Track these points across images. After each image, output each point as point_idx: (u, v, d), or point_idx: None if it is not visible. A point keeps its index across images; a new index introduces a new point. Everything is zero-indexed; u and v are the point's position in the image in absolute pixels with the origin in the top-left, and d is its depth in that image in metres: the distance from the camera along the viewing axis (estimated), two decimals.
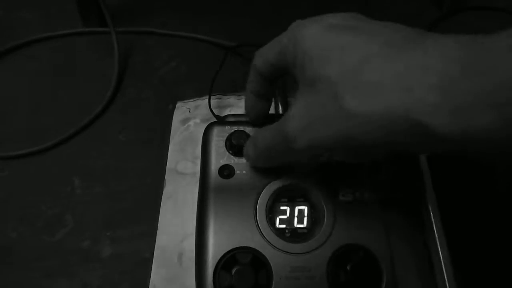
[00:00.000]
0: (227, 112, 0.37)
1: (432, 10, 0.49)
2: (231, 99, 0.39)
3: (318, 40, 0.22)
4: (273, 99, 0.37)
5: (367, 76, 0.20)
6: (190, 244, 0.30)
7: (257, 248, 0.26)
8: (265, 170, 0.29)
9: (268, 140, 0.25)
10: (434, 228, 0.26)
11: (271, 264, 0.26)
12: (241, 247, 0.26)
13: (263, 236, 0.27)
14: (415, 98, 0.18)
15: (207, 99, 0.36)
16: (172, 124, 0.37)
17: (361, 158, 0.24)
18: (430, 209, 0.27)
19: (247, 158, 0.29)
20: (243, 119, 0.32)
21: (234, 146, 0.29)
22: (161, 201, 0.33)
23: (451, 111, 0.17)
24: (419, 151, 0.24)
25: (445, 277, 0.25)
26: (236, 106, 0.38)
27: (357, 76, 0.20)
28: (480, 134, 0.17)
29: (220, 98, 0.39)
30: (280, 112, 0.36)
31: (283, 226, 0.28)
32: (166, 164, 0.35)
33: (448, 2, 0.49)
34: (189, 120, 0.37)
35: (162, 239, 0.31)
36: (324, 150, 0.23)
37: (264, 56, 0.26)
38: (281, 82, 0.36)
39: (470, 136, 0.17)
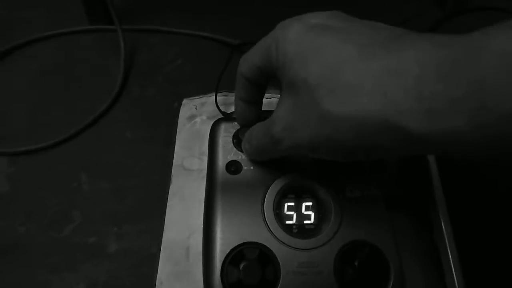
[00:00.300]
0: (233, 109, 0.37)
1: (434, 10, 0.49)
2: None
3: (298, 41, 0.22)
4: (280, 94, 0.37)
5: (344, 78, 0.20)
6: (197, 240, 0.30)
7: (264, 244, 0.26)
8: (273, 166, 0.29)
9: (259, 139, 0.26)
10: (442, 225, 0.26)
11: (279, 259, 0.26)
12: (248, 242, 0.26)
13: (271, 232, 0.27)
14: (390, 101, 0.18)
15: (213, 96, 0.37)
16: (179, 121, 0.37)
17: (346, 159, 0.24)
18: (438, 206, 0.27)
19: (245, 152, 0.29)
20: None
21: (241, 142, 0.30)
22: (167, 197, 0.33)
23: (426, 114, 0.17)
24: (398, 153, 0.24)
25: (454, 274, 0.25)
26: None
27: (334, 79, 0.20)
28: (454, 137, 0.17)
29: (226, 95, 0.39)
30: None
31: (291, 222, 0.28)
32: (172, 160, 0.35)
33: (450, 2, 0.49)
34: (195, 117, 0.37)
35: (169, 234, 0.31)
36: (307, 150, 0.23)
37: (249, 61, 0.26)
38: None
39: (445, 138, 0.17)
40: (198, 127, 0.37)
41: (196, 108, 0.38)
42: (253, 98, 0.28)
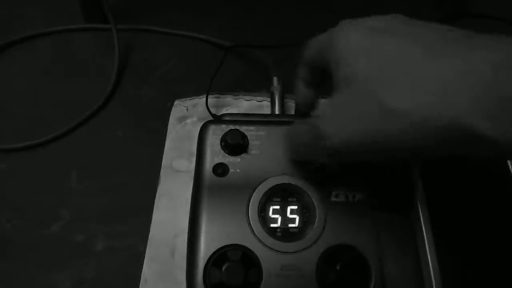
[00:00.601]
0: (224, 111, 0.38)
1: (432, 15, 0.49)
2: (229, 99, 0.39)
3: (357, 42, 0.22)
4: (270, 97, 0.38)
5: (409, 75, 0.19)
6: (182, 240, 0.30)
7: (248, 246, 0.27)
8: (259, 169, 0.29)
9: (301, 135, 0.25)
10: (423, 230, 0.27)
11: (261, 262, 0.26)
12: (232, 244, 0.27)
13: (255, 234, 0.27)
14: (459, 101, 0.18)
15: (205, 98, 0.37)
16: (169, 121, 0.38)
17: (390, 158, 0.24)
18: (420, 212, 0.27)
19: (286, 148, 0.29)
20: (239, 118, 0.33)
21: (229, 144, 0.30)
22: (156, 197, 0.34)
23: (495, 115, 0.17)
24: (460, 153, 0.23)
25: (433, 280, 0.25)
26: (234, 105, 0.39)
27: (397, 76, 0.20)
28: None
29: (218, 97, 0.39)
30: (276, 111, 0.36)
31: (275, 225, 0.28)
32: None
33: (448, 7, 0.49)
34: (186, 118, 0.38)
35: (155, 234, 0.32)
36: (356, 149, 0.22)
37: (309, 49, 0.27)
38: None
39: None
40: (188, 128, 0.37)
41: (187, 110, 0.38)
42: (311, 80, 0.28)
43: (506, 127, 0.17)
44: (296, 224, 0.28)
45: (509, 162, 0.30)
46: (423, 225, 0.27)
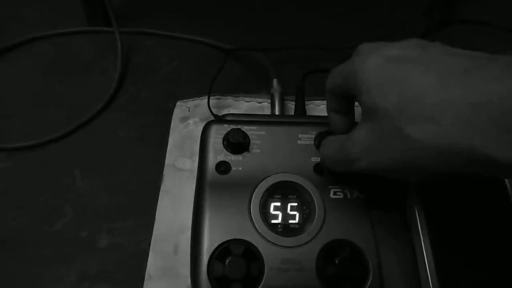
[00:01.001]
0: (225, 112, 0.39)
1: (420, 22, 0.50)
2: (230, 100, 0.40)
3: (377, 73, 0.23)
4: (270, 99, 0.39)
5: (426, 107, 0.21)
6: (186, 236, 0.31)
7: (250, 241, 0.27)
8: (261, 168, 0.30)
9: (332, 153, 0.27)
10: (419, 226, 0.28)
11: (263, 255, 0.27)
12: (235, 239, 0.28)
13: (256, 229, 0.28)
14: (476, 131, 0.19)
15: (206, 99, 0.38)
16: (172, 122, 0.39)
17: (424, 181, 0.26)
18: (415, 208, 0.28)
19: (320, 156, 0.30)
20: (240, 118, 0.34)
21: (231, 143, 0.31)
22: (159, 195, 0.34)
23: (504, 143, 0.18)
24: (481, 177, 0.25)
25: (428, 273, 0.27)
26: (234, 106, 0.40)
27: (416, 108, 0.21)
28: None
29: (219, 99, 0.40)
30: (276, 112, 0.37)
31: (276, 221, 0.29)
32: (164, 160, 0.36)
33: (437, 14, 0.50)
34: (188, 119, 0.39)
35: (159, 231, 0.32)
36: (384, 172, 0.24)
37: (332, 78, 0.28)
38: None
39: None
40: (190, 129, 0.38)
41: (189, 110, 0.39)
42: (341, 109, 0.29)
43: None
44: (296, 220, 0.29)
45: None
46: (418, 220, 0.28)
